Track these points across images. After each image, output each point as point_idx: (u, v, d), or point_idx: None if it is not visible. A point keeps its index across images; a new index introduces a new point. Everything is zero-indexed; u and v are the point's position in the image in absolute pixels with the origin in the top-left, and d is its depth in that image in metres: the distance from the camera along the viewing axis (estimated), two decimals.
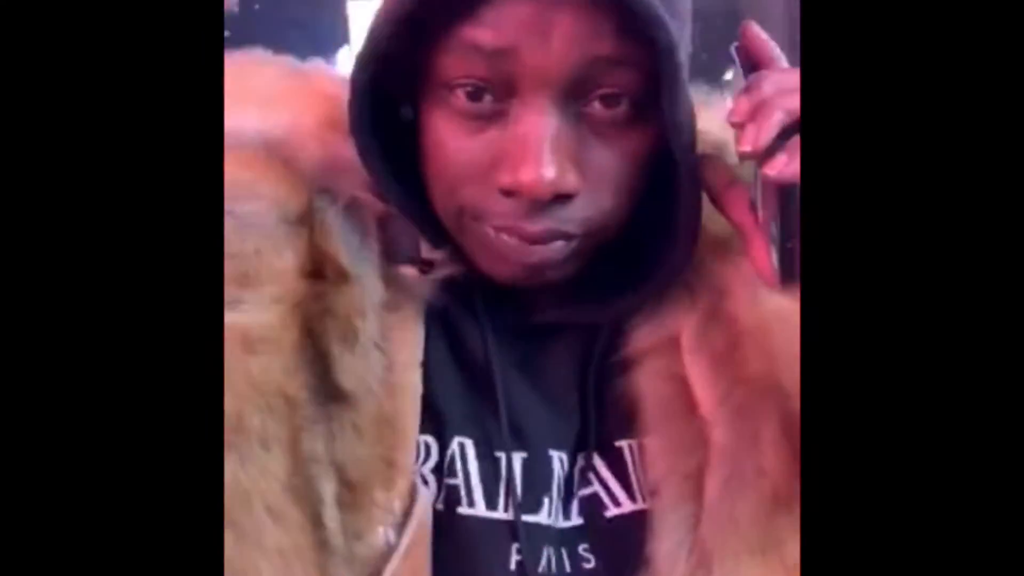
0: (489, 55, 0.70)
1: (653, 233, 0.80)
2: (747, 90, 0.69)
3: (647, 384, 0.79)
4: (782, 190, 0.71)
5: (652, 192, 0.79)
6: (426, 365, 0.80)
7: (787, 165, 0.69)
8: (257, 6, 4.20)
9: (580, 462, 0.79)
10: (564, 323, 0.83)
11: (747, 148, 0.68)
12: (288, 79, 0.86)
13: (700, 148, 0.82)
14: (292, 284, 0.76)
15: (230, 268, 0.74)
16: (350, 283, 0.76)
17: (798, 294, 0.72)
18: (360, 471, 0.74)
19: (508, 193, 0.72)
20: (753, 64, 0.74)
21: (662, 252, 0.79)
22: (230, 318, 0.74)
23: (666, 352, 0.79)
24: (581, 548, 0.78)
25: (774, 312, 0.74)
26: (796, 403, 0.70)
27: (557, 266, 0.78)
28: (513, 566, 0.75)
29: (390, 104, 0.77)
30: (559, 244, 0.76)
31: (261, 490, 0.71)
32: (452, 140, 0.73)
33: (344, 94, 0.78)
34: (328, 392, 0.74)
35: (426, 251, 0.80)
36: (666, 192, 0.77)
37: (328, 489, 0.72)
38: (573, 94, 0.71)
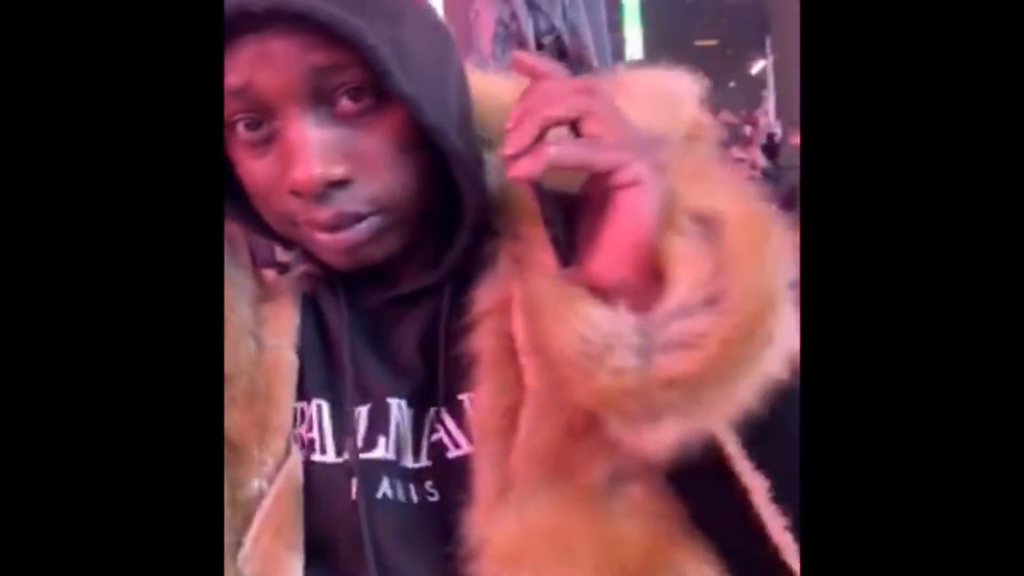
0: (239, 92, 0.83)
1: (449, 205, 0.91)
2: (518, 101, 0.77)
3: (483, 342, 0.87)
4: (537, 188, 0.78)
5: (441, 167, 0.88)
6: (300, 344, 0.94)
7: (525, 167, 0.73)
8: None
9: (431, 414, 0.90)
10: (407, 294, 0.94)
11: (509, 151, 0.74)
12: None
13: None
14: None
15: None
16: (224, 284, 0.90)
17: (575, 273, 0.79)
18: (239, 435, 0.90)
19: (296, 193, 0.84)
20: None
21: (459, 221, 0.90)
22: None
23: (501, 312, 0.86)
24: (427, 484, 0.90)
25: (544, 285, 0.80)
26: (562, 375, 0.79)
27: (373, 245, 0.88)
28: (353, 496, 0.88)
29: None
30: (362, 226, 0.86)
31: None
32: (249, 165, 0.87)
33: None
34: None
35: (280, 255, 0.95)
36: (446, 168, 0.87)
37: None
38: (316, 100, 0.83)
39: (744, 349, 0.74)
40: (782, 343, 0.78)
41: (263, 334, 0.94)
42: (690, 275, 0.74)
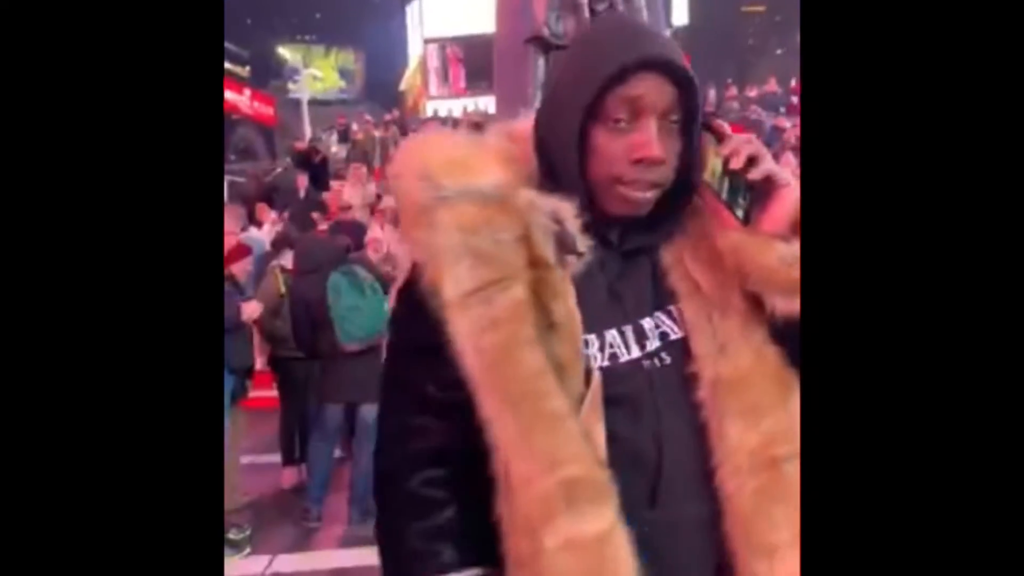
0: (631, 100, 1.36)
1: (676, 191, 1.45)
2: (729, 142, 1.40)
3: (676, 280, 1.46)
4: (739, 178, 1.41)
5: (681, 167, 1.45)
6: (580, 299, 1.40)
7: (755, 172, 1.37)
8: None
9: (657, 317, 1.46)
10: (636, 249, 1.48)
11: (733, 167, 1.37)
12: (473, 147, 1.46)
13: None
14: (525, 272, 1.36)
15: (503, 267, 1.35)
16: (551, 268, 1.37)
17: (753, 228, 1.38)
18: (565, 356, 1.36)
19: (638, 161, 1.36)
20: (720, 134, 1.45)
21: (679, 202, 1.47)
22: (514, 292, 1.34)
23: (679, 263, 1.47)
24: (663, 353, 1.43)
25: (732, 241, 1.40)
26: (758, 280, 1.37)
27: (647, 206, 1.42)
28: (643, 370, 1.42)
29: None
30: (654, 191, 1.40)
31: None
32: (607, 142, 1.38)
33: (516, 152, 1.47)
34: (548, 324, 1.37)
35: (579, 247, 1.38)
36: (686, 170, 1.44)
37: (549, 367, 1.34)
38: (663, 116, 1.37)
39: None
40: None
41: (568, 298, 1.40)
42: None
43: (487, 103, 19.30)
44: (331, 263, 5.93)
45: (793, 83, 21.13)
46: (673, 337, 1.46)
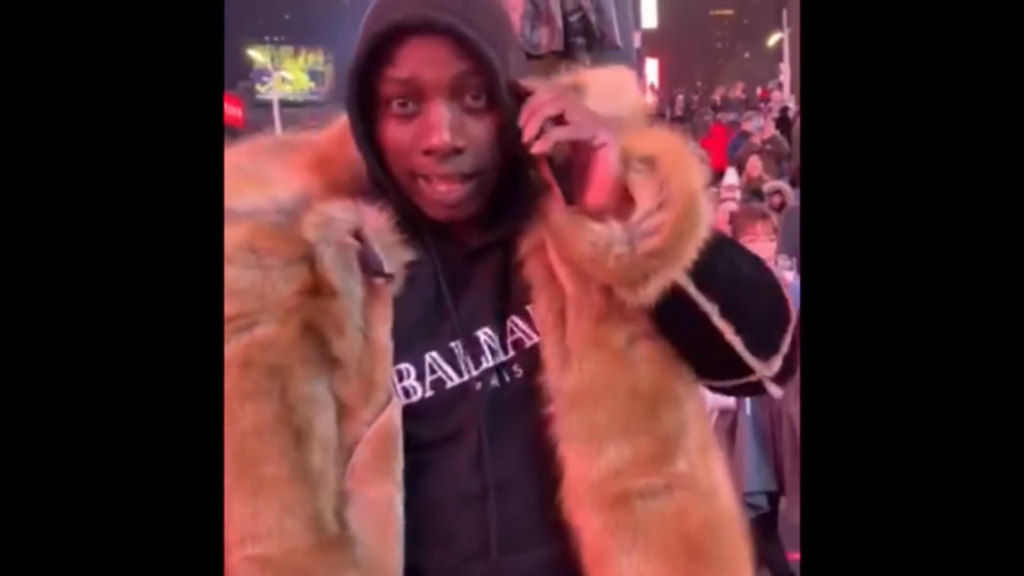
0: (404, 82, 1.19)
1: (516, 181, 1.28)
2: (524, 108, 1.17)
3: (533, 272, 1.26)
4: (547, 159, 1.18)
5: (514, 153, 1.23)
6: (397, 321, 1.25)
7: (540, 146, 1.14)
8: None
9: (510, 322, 1.29)
10: (485, 246, 1.30)
11: (526, 139, 1.14)
12: (281, 152, 1.33)
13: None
14: (298, 302, 1.20)
15: (248, 301, 1.17)
16: (337, 295, 1.21)
17: (578, 208, 1.18)
18: (351, 400, 1.22)
19: (428, 152, 1.19)
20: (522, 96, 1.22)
21: (522, 193, 1.28)
22: (256, 331, 1.17)
23: (539, 250, 1.25)
24: (513, 367, 1.28)
25: (552, 225, 1.22)
26: (586, 270, 1.20)
27: (467, 203, 1.23)
28: (477, 391, 1.26)
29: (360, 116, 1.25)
30: (467, 186, 1.22)
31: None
32: (395, 131, 1.21)
33: (334, 154, 1.31)
34: (327, 362, 1.22)
35: (387, 267, 1.23)
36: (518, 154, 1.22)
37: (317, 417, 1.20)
38: (454, 95, 1.19)
39: (685, 227, 1.15)
40: (706, 219, 1.18)
41: (368, 328, 1.23)
42: (644, 192, 1.16)
43: None
44: None
45: (760, 89, 21.28)
46: (529, 343, 1.28)
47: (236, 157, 1.25)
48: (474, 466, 1.24)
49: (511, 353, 1.28)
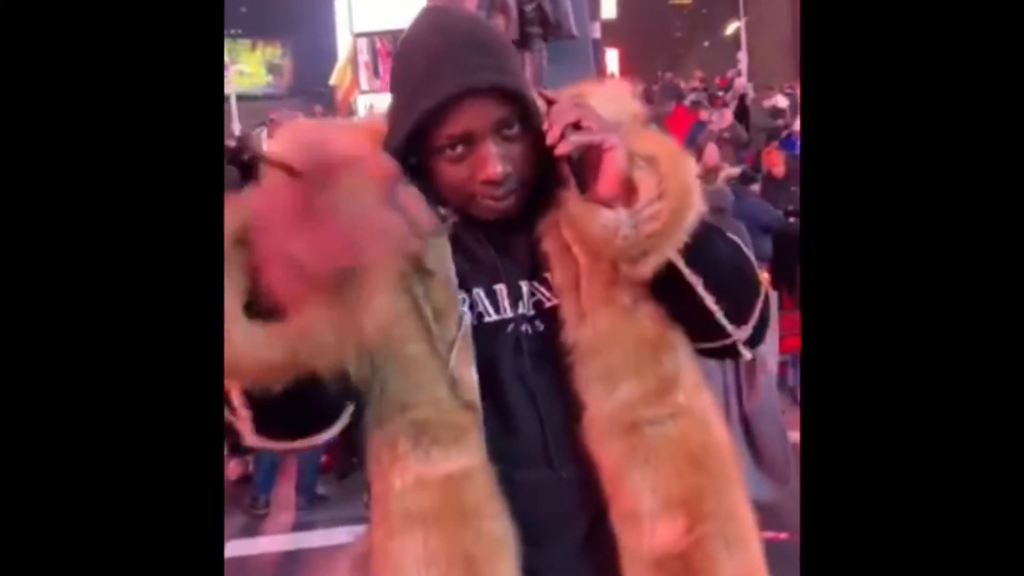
0: (458, 136, 1.38)
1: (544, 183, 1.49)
2: (547, 115, 1.38)
3: (549, 245, 1.48)
4: (568, 158, 1.39)
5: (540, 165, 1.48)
6: (458, 264, 1.49)
7: (564, 148, 1.34)
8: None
9: (530, 285, 1.51)
10: (515, 229, 1.52)
11: (550, 142, 1.34)
12: (341, 127, 1.60)
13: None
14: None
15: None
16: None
17: (590, 196, 1.38)
18: (441, 302, 1.45)
19: (487, 183, 1.40)
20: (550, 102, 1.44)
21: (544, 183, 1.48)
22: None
23: (554, 228, 1.47)
24: (535, 322, 1.50)
25: (576, 207, 1.40)
26: (596, 248, 1.40)
27: (514, 208, 1.45)
28: (509, 333, 1.49)
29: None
30: (511, 198, 1.43)
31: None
32: (450, 170, 1.42)
33: (380, 130, 1.50)
34: (423, 272, 1.45)
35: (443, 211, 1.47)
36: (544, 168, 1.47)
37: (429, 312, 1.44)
38: (496, 131, 1.40)
39: (680, 214, 1.37)
40: (696, 208, 1.39)
41: (438, 255, 1.48)
42: (646, 185, 1.37)
43: None
44: None
45: (718, 78, 21.35)
46: (547, 305, 1.52)
47: (303, 130, 1.41)
48: (507, 391, 1.49)
49: (532, 311, 1.51)
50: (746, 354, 1.57)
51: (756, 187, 9.30)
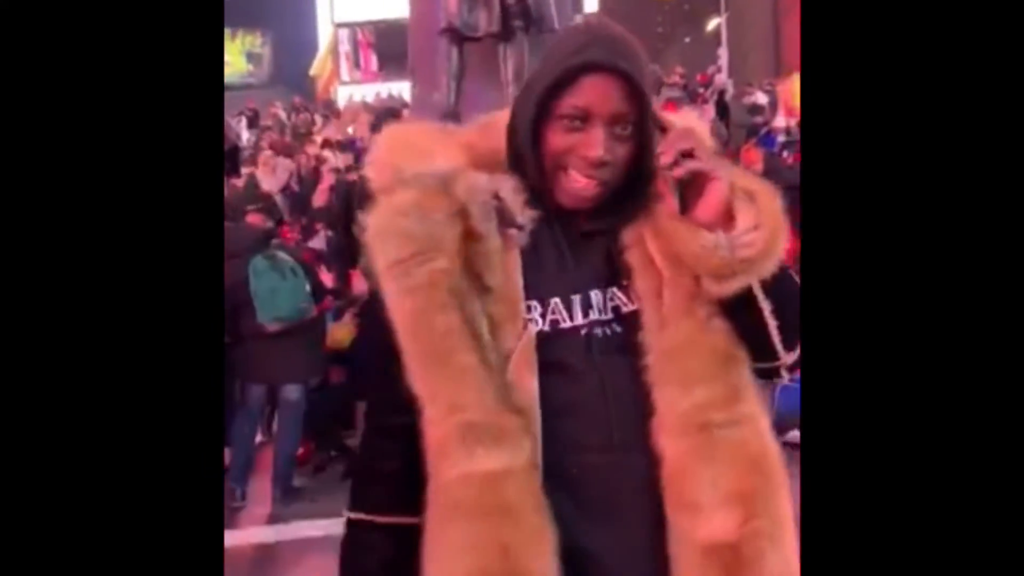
0: (578, 107, 1.50)
1: (632, 185, 1.61)
2: (664, 141, 1.50)
3: (633, 256, 1.58)
4: (674, 179, 1.49)
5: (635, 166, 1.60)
6: (530, 268, 1.58)
7: (679, 171, 1.45)
8: None
9: (609, 292, 1.60)
10: (595, 231, 1.63)
11: (663, 164, 1.46)
12: (439, 135, 1.67)
13: None
14: (455, 245, 1.52)
15: (424, 243, 1.50)
16: (484, 240, 1.53)
17: (689, 217, 1.48)
18: (500, 315, 1.54)
19: (584, 159, 1.51)
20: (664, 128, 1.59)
21: (636, 192, 1.60)
22: (435, 264, 1.50)
23: (639, 242, 1.59)
24: (613, 325, 1.58)
25: (674, 224, 1.52)
26: (689, 264, 1.50)
27: (593, 199, 1.56)
28: (582, 336, 1.57)
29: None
30: (599, 187, 1.54)
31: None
32: (560, 138, 1.52)
33: (477, 140, 1.66)
34: (482, 288, 1.54)
35: (519, 220, 1.57)
36: (640, 168, 1.59)
37: (484, 326, 1.52)
38: (610, 123, 1.51)
39: (773, 245, 1.48)
40: (783, 244, 1.50)
41: (505, 266, 1.57)
42: (746, 216, 1.48)
43: (401, 89, 19.35)
44: (252, 248, 6.04)
45: (699, 74, 21.40)
46: (625, 310, 1.61)
47: (406, 134, 1.68)
48: (582, 387, 1.58)
49: (610, 315, 1.61)
50: (785, 377, 1.67)
51: None
